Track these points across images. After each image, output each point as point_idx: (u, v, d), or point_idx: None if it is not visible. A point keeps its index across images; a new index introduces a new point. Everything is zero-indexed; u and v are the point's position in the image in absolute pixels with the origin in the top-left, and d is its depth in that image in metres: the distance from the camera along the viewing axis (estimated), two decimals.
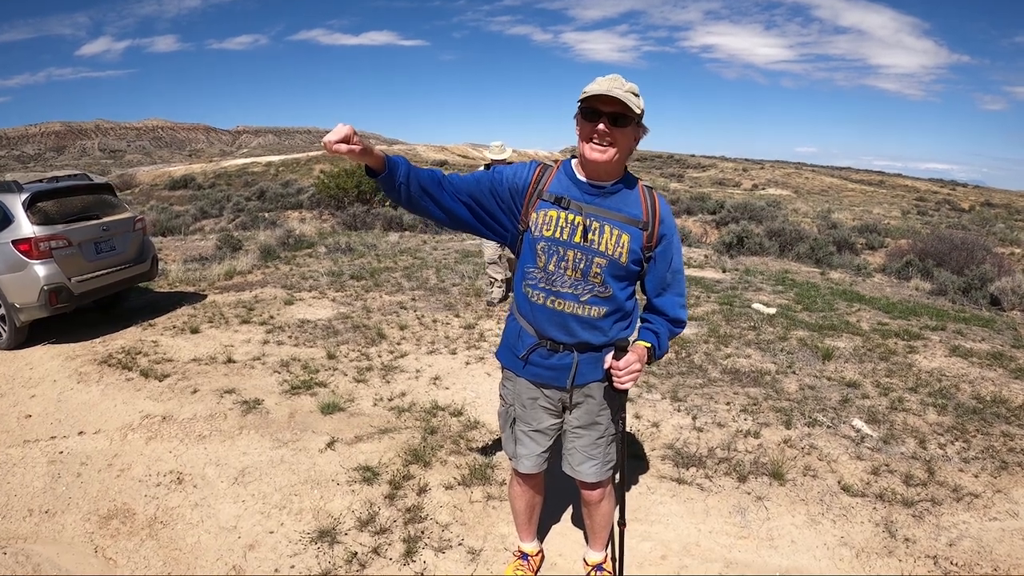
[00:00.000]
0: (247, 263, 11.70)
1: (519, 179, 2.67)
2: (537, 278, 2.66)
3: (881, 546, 3.69)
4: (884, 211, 40.16)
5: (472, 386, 6.12)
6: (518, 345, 2.82)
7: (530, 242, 2.65)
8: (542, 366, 2.78)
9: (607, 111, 2.42)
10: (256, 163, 60.32)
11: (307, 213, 23.11)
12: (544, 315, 2.69)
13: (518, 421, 2.96)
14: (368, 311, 8.55)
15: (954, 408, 5.48)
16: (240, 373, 6.32)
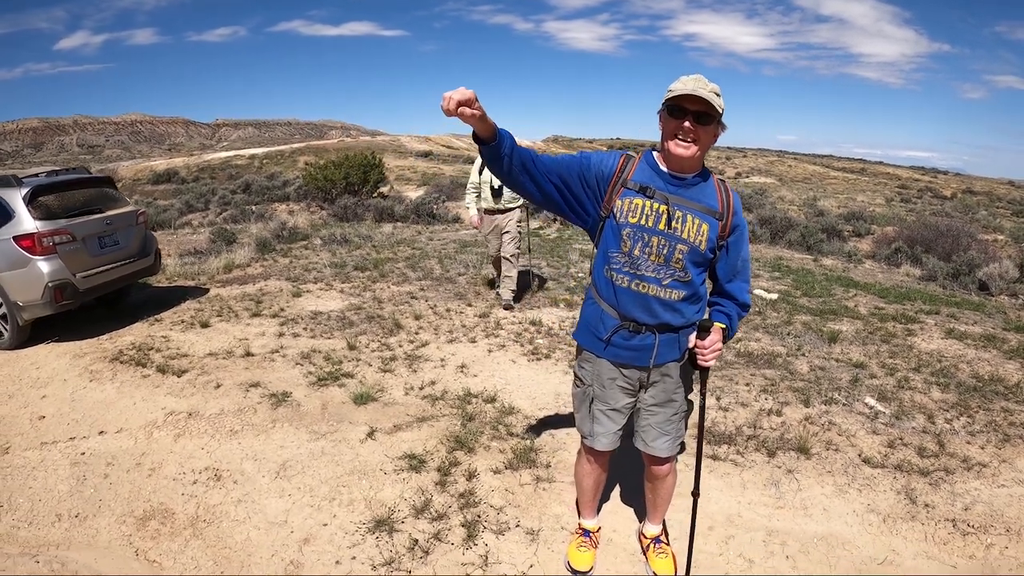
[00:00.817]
0: (244, 256, 11.48)
1: (605, 166, 2.76)
2: (621, 262, 2.77)
3: (904, 512, 3.93)
4: (868, 199, 40.59)
5: (499, 373, 6.03)
6: (599, 327, 2.92)
7: (614, 228, 2.75)
8: (623, 347, 2.89)
9: (692, 109, 2.54)
10: (239, 156, 59.77)
11: (295, 205, 22.82)
12: (628, 297, 2.80)
13: (596, 401, 3.05)
14: (379, 302, 8.40)
15: (956, 386, 5.79)
16: (261, 366, 6.14)
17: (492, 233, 7.97)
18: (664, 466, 3.22)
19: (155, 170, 50.78)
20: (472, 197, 7.99)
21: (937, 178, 67.75)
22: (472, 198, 7.99)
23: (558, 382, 5.86)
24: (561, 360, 6.40)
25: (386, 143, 64.63)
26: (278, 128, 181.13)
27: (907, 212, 31.37)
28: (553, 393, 5.62)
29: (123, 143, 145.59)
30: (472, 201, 8.00)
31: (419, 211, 18.90)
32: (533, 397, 5.54)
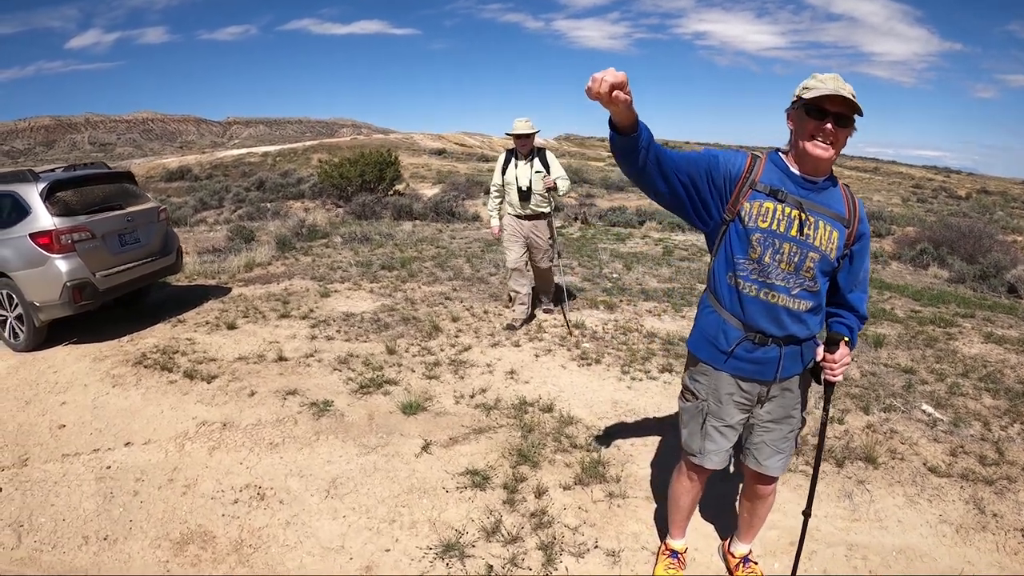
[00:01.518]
0: (265, 254, 11.08)
1: (733, 166, 2.60)
2: (749, 269, 2.62)
3: (975, 522, 3.83)
4: (884, 198, 40.36)
5: (551, 380, 5.65)
6: (720, 338, 2.74)
7: (740, 233, 2.60)
8: (746, 360, 2.72)
9: (833, 111, 2.42)
10: (252, 153, 59.63)
11: (310, 203, 22.59)
12: (756, 307, 2.64)
13: (710, 417, 2.88)
14: (412, 303, 8.01)
15: (1005, 392, 5.65)
16: (296, 372, 5.75)
17: (514, 240, 6.95)
18: (770, 485, 3.09)
19: (168, 168, 50.76)
20: (496, 203, 7.19)
21: (950, 177, 67.33)
22: (495, 204, 7.20)
23: (613, 389, 5.49)
24: (612, 366, 6.02)
25: (399, 141, 64.25)
26: (289, 126, 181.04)
27: (925, 212, 31.34)
28: (610, 401, 5.26)
29: (134, 141, 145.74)
30: (495, 207, 7.22)
31: (438, 209, 18.56)
32: (590, 406, 5.18)
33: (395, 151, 27.17)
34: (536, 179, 6.68)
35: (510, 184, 6.78)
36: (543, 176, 6.66)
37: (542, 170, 6.71)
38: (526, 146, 6.72)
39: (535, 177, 6.68)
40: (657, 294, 8.59)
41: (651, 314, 7.71)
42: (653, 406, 5.18)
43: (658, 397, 5.35)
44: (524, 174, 6.70)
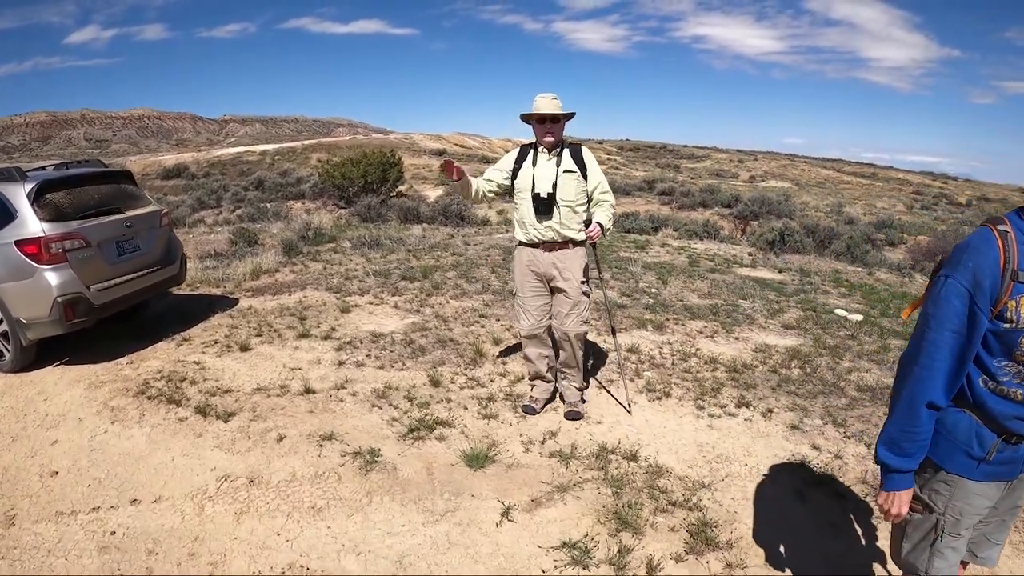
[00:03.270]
0: (272, 260, 10.25)
1: (990, 274, 2.05)
2: (1012, 373, 2.13)
3: None
4: (887, 204, 40.21)
5: (623, 419, 4.95)
6: (974, 445, 2.24)
7: (1004, 334, 2.08)
8: (998, 462, 2.26)
9: None
10: (250, 152, 59.03)
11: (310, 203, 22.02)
12: (1019, 411, 2.16)
13: (946, 533, 2.35)
14: (444, 320, 7.22)
15: None
16: (329, 409, 4.95)
17: (527, 284, 4.79)
18: None
19: (164, 165, 50.21)
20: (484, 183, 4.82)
21: (948, 183, 67.25)
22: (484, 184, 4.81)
23: (693, 429, 4.82)
24: (684, 400, 5.32)
25: (399, 141, 63.54)
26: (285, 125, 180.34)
27: (933, 220, 31.24)
28: (695, 445, 4.60)
29: (130, 138, 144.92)
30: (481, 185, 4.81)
31: (447, 213, 17.84)
32: (675, 451, 4.50)
33: (396, 151, 26.47)
34: (566, 182, 4.53)
35: (523, 191, 4.64)
36: (576, 178, 4.55)
37: (574, 170, 4.57)
38: (552, 134, 4.54)
39: (563, 179, 4.53)
40: (702, 311, 7.93)
41: (703, 335, 7.06)
42: (741, 450, 4.54)
43: (744, 438, 4.70)
44: (546, 174, 4.55)
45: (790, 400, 5.35)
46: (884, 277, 12.86)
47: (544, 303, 4.81)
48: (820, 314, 8.12)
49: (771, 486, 4.07)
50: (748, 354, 6.50)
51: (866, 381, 5.85)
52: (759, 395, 5.45)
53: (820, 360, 6.35)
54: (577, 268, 4.67)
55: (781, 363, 6.24)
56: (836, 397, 5.49)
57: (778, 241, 15.56)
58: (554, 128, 4.59)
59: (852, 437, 4.74)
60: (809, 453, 4.47)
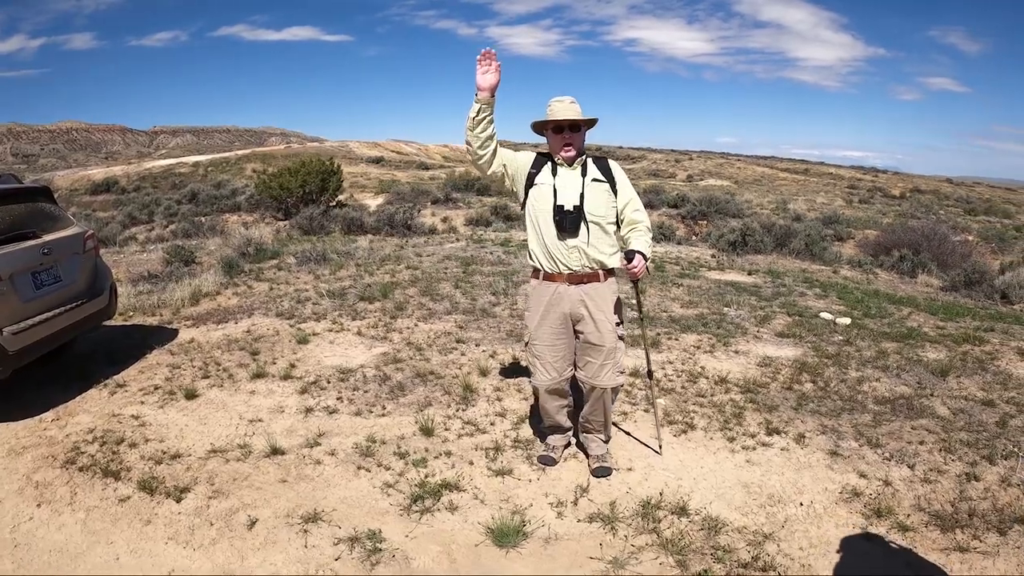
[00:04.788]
0: (212, 282, 9.28)
1: None
2: None
3: None
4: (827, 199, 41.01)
5: (658, 462, 4.29)
6: None
7: None
8: None
9: None
10: (182, 163, 57.19)
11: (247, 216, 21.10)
12: None
13: None
14: (418, 349, 6.40)
15: None
16: (305, 476, 4.09)
17: (547, 325, 3.91)
18: None
19: (93, 179, 48.55)
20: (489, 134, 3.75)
21: (878, 176, 68.79)
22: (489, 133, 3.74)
23: (733, 467, 4.26)
24: (710, 431, 4.72)
25: (335, 149, 62.16)
26: (217, 135, 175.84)
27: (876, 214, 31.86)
28: (740, 485, 4.05)
29: (58, 152, 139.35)
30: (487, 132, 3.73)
31: (392, 222, 17.06)
32: (722, 495, 3.93)
33: (334, 159, 25.53)
34: (595, 193, 3.77)
35: (541, 203, 3.79)
36: (606, 189, 3.81)
37: (603, 179, 3.82)
38: (573, 146, 3.76)
39: (592, 189, 3.76)
40: (691, 323, 7.43)
41: (701, 350, 6.55)
42: (790, 486, 4.03)
43: (788, 472, 4.19)
44: (571, 183, 3.76)
45: (817, 421, 4.94)
46: (849, 274, 13.15)
47: (567, 351, 3.95)
48: (808, 319, 7.82)
49: (835, 528, 3.62)
50: (754, 370, 6.02)
51: (880, 392, 5.58)
52: (784, 418, 4.96)
53: (828, 372, 6.01)
54: (610, 304, 3.86)
55: (792, 378, 5.82)
56: (859, 413, 5.15)
57: (739, 242, 15.38)
58: (574, 138, 3.77)
59: (892, 459, 4.40)
60: (858, 483, 4.08)
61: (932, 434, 4.80)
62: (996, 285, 12.07)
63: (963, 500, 3.93)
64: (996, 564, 3.36)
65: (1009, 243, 21.73)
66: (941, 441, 4.68)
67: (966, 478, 4.18)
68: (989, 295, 11.81)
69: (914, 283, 13.45)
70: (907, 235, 16.93)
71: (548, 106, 3.77)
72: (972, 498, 3.96)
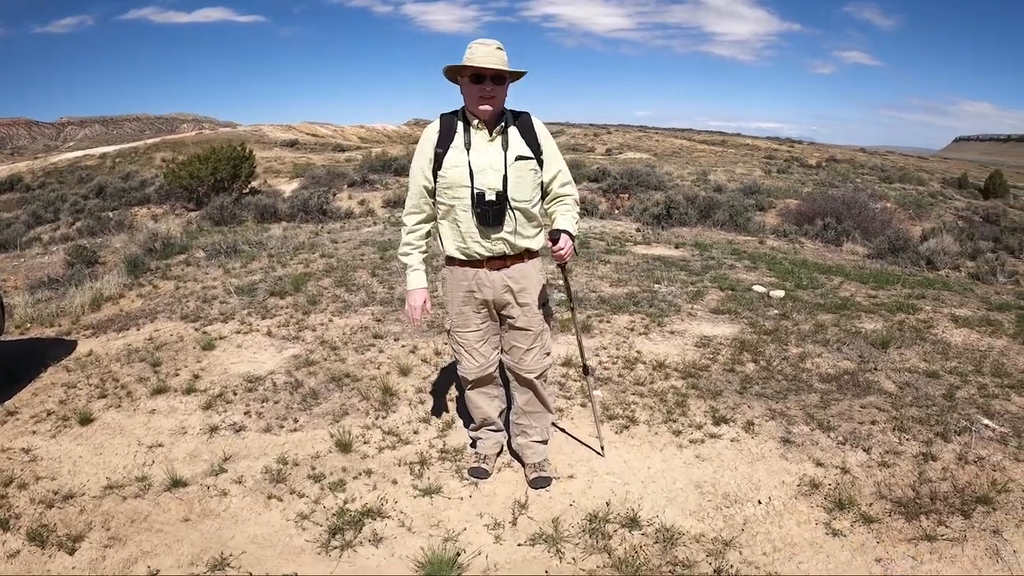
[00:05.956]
0: (114, 283, 8.53)
1: None
2: None
3: None
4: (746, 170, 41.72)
5: (602, 466, 3.96)
6: None
7: None
8: None
9: None
10: (89, 156, 54.78)
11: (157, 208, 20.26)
12: None
13: None
14: (332, 348, 5.93)
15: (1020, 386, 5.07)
16: (210, 511, 3.60)
17: (469, 314, 3.54)
18: None
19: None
20: (418, 238, 3.58)
21: (795, 147, 70.53)
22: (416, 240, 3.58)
23: (683, 465, 3.97)
24: (654, 425, 4.41)
25: (248, 134, 60.39)
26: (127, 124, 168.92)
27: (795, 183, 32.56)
28: (692, 486, 3.76)
29: None
30: (416, 247, 3.59)
31: (307, 207, 16.45)
32: (674, 499, 3.63)
33: (246, 144, 24.56)
34: (521, 175, 3.26)
35: (454, 188, 3.27)
36: (532, 167, 3.30)
37: (528, 155, 3.29)
38: (493, 102, 3.19)
39: (517, 171, 3.25)
40: (622, 302, 7.07)
41: (635, 332, 6.23)
42: (745, 482, 3.78)
43: (741, 466, 3.93)
44: (490, 162, 3.23)
45: (764, 405, 4.69)
46: (775, 244, 13.18)
47: (493, 336, 3.63)
48: (741, 293, 7.59)
49: (797, 526, 3.39)
50: (693, 351, 5.76)
51: (824, 369, 5.40)
52: (729, 403, 4.71)
53: (768, 349, 5.80)
54: (537, 287, 3.50)
55: (733, 359, 5.57)
56: (806, 393, 4.95)
57: (664, 215, 15.29)
58: (496, 91, 3.18)
59: (846, 443, 4.21)
60: (815, 473, 3.86)
61: (882, 412, 4.64)
62: (921, 252, 12.29)
63: (923, 483, 3.78)
64: (966, 551, 3.22)
65: (926, 209, 22.42)
66: (893, 420, 4.52)
67: (923, 458, 4.03)
68: (915, 261, 11.97)
69: (840, 251, 13.54)
70: (828, 203, 17.20)
71: (468, 48, 3.17)
72: (932, 479, 3.82)
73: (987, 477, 3.82)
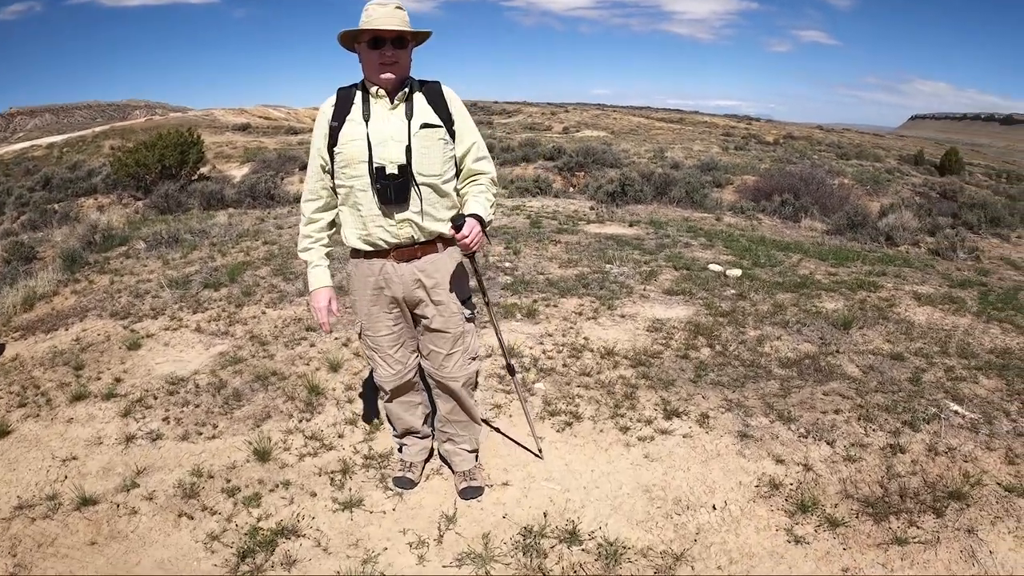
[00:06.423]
0: (48, 280, 8.08)
1: None
2: None
3: None
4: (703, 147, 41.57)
5: (540, 470, 3.69)
6: None
7: None
8: None
9: None
10: (36, 146, 53.18)
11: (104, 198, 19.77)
12: None
13: None
14: (262, 343, 5.61)
15: (988, 368, 4.95)
16: (118, 533, 3.30)
17: (379, 313, 3.15)
18: None
19: None
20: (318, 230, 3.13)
21: (752, 124, 70.73)
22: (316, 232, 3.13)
23: (630, 466, 3.70)
24: (599, 420, 4.17)
25: (199, 118, 59.18)
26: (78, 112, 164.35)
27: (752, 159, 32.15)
28: (640, 490, 3.49)
29: None
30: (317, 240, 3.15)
31: (254, 193, 16.03)
32: (620, 507, 3.36)
33: (195, 129, 24.03)
34: (427, 144, 2.86)
35: (352, 164, 2.87)
36: (441, 136, 2.90)
37: (436, 123, 2.89)
38: (395, 69, 2.82)
39: (423, 140, 2.85)
40: (571, 285, 6.83)
41: (584, 317, 5.98)
42: (699, 484, 3.53)
43: (694, 466, 3.69)
44: (391, 131, 2.84)
45: (719, 395, 4.46)
46: (732, 221, 12.87)
47: (408, 339, 3.23)
48: (696, 272, 7.39)
49: (756, 533, 3.16)
50: (644, 336, 5.51)
51: (783, 353, 5.19)
52: (682, 394, 4.46)
53: (725, 333, 5.58)
54: (453, 280, 3.07)
55: (687, 343, 5.33)
56: (764, 380, 4.72)
57: (619, 192, 14.93)
58: (399, 56, 2.79)
59: (809, 435, 3.97)
60: (775, 471, 3.62)
61: (846, 399, 4.44)
62: (880, 227, 12.12)
63: (892, 478, 3.57)
64: (939, 554, 3.04)
65: (883, 185, 22.47)
66: (858, 408, 4.32)
67: (891, 451, 3.84)
68: (874, 238, 11.81)
69: (798, 228, 13.38)
70: (786, 179, 17.02)
71: (364, 11, 2.76)
72: (901, 474, 3.62)
73: (959, 469, 3.66)
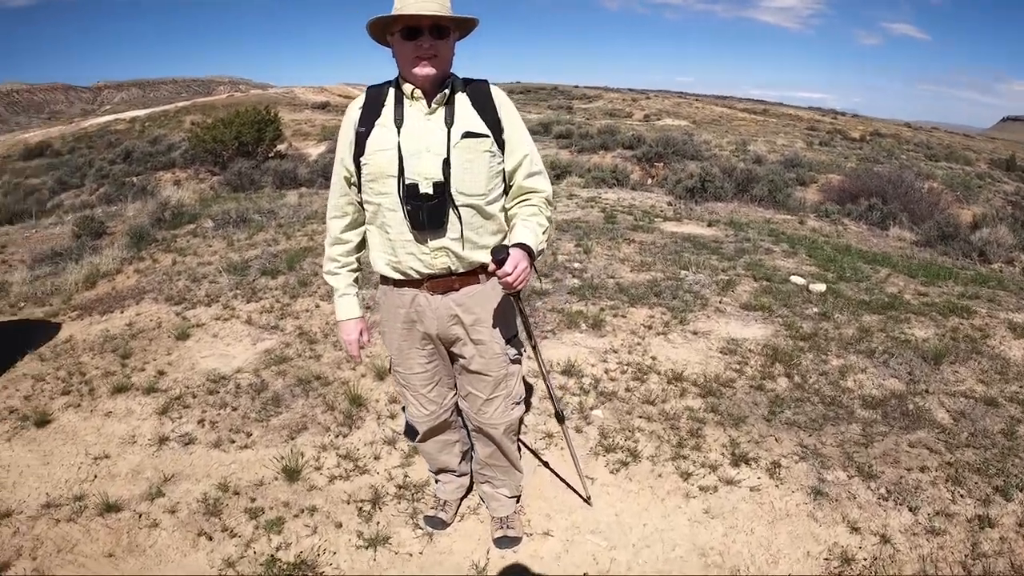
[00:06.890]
0: (113, 258, 8.11)
1: None
2: None
3: None
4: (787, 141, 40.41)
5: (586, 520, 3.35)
6: None
7: None
8: None
9: None
10: (119, 120, 54.85)
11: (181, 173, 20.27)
12: None
13: None
14: (310, 341, 5.42)
15: None
16: (136, 546, 3.15)
17: (412, 346, 2.74)
18: None
19: (28, 143, 46.35)
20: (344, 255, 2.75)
21: (838, 119, 68.52)
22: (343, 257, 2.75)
23: (687, 522, 3.29)
24: (660, 461, 3.77)
25: (279, 96, 60.12)
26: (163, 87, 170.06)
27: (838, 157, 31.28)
28: (695, 554, 3.08)
29: None
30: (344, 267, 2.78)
31: (327, 172, 15.93)
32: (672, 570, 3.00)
33: (274, 107, 24.49)
34: (469, 156, 2.37)
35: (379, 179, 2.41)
36: (487, 147, 2.40)
37: (483, 132, 2.40)
38: (434, 62, 2.30)
39: (464, 152, 2.36)
40: (642, 292, 6.38)
41: (653, 331, 5.55)
42: (761, 552, 3.11)
43: (759, 527, 3.26)
44: (426, 142, 2.36)
45: (794, 439, 3.99)
46: (816, 225, 12.22)
47: (446, 374, 2.82)
48: (777, 285, 6.86)
49: None
50: (717, 360, 5.06)
51: (867, 390, 4.65)
52: (754, 435, 4.02)
53: (804, 360, 5.06)
54: (497, 316, 2.61)
55: (762, 372, 4.86)
56: (845, 423, 4.22)
57: (698, 188, 14.36)
58: (438, 48, 2.28)
59: (890, 498, 3.48)
60: (849, 542, 3.16)
61: (934, 454, 3.93)
62: (973, 242, 11.46)
63: (976, 557, 3.10)
64: None
65: (974, 192, 21.36)
66: (946, 466, 3.81)
67: (979, 523, 3.33)
68: (966, 252, 11.12)
69: (886, 236, 12.69)
70: (872, 181, 16.33)
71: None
72: (987, 554, 3.13)
73: None
